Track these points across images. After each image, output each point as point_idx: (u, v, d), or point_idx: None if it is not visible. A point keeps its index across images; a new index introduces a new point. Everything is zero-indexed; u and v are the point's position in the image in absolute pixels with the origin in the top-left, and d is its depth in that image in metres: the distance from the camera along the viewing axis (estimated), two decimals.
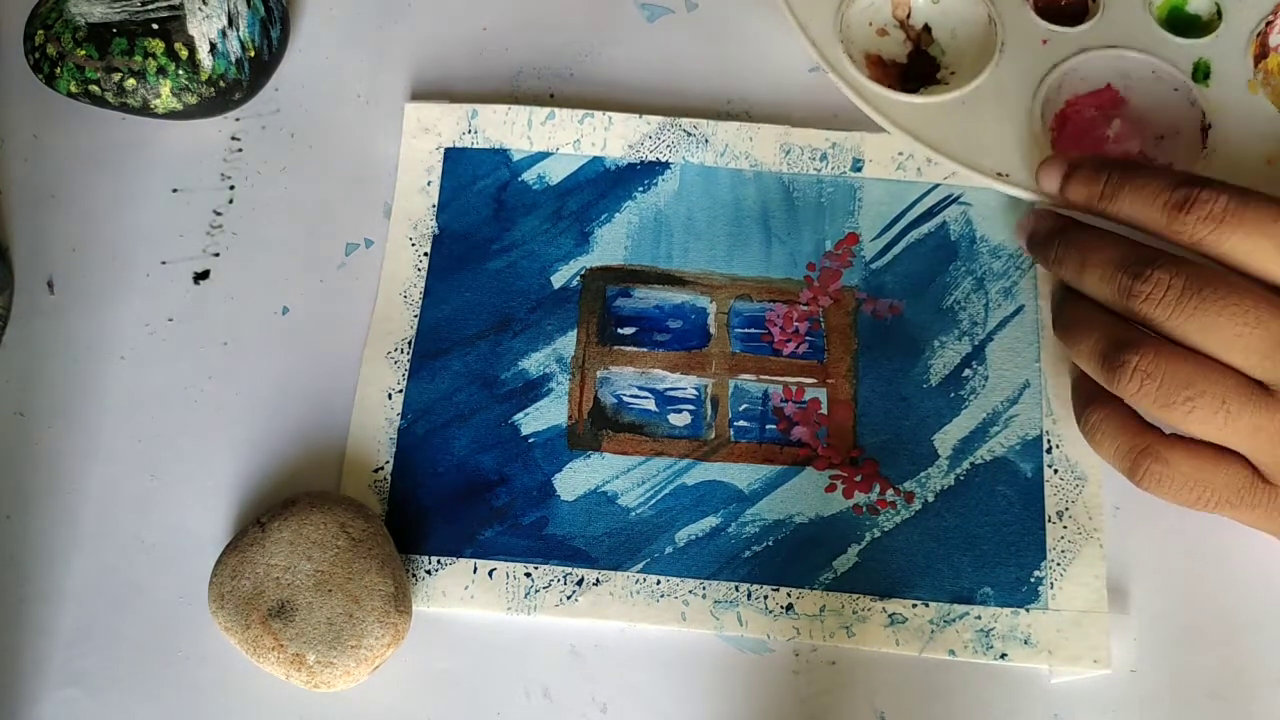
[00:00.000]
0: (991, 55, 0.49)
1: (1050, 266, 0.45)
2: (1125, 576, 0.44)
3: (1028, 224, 0.47)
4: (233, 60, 0.49)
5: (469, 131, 0.51)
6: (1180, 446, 0.41)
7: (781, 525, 0.45)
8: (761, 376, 0.47)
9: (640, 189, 0.50)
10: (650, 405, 0.47)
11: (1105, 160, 0.45)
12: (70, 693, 0.43)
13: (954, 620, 0.44)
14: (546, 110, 0.51)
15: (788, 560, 0.45)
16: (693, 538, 0.45)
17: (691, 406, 0.47)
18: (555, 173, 0.51)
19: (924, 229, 0.49)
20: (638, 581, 0.44)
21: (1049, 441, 0.46)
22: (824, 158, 0.50)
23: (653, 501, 0.45)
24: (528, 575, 0.45)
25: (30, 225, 0.50)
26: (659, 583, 0.44)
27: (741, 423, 0.47)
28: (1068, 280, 0.45)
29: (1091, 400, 0.43)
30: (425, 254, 0.49)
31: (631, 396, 0.47)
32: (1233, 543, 0.44)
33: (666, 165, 0.51)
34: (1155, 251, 0.41)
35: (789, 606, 0.44)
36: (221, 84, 0.49)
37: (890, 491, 0.45)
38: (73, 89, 0.49)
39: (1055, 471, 0.46)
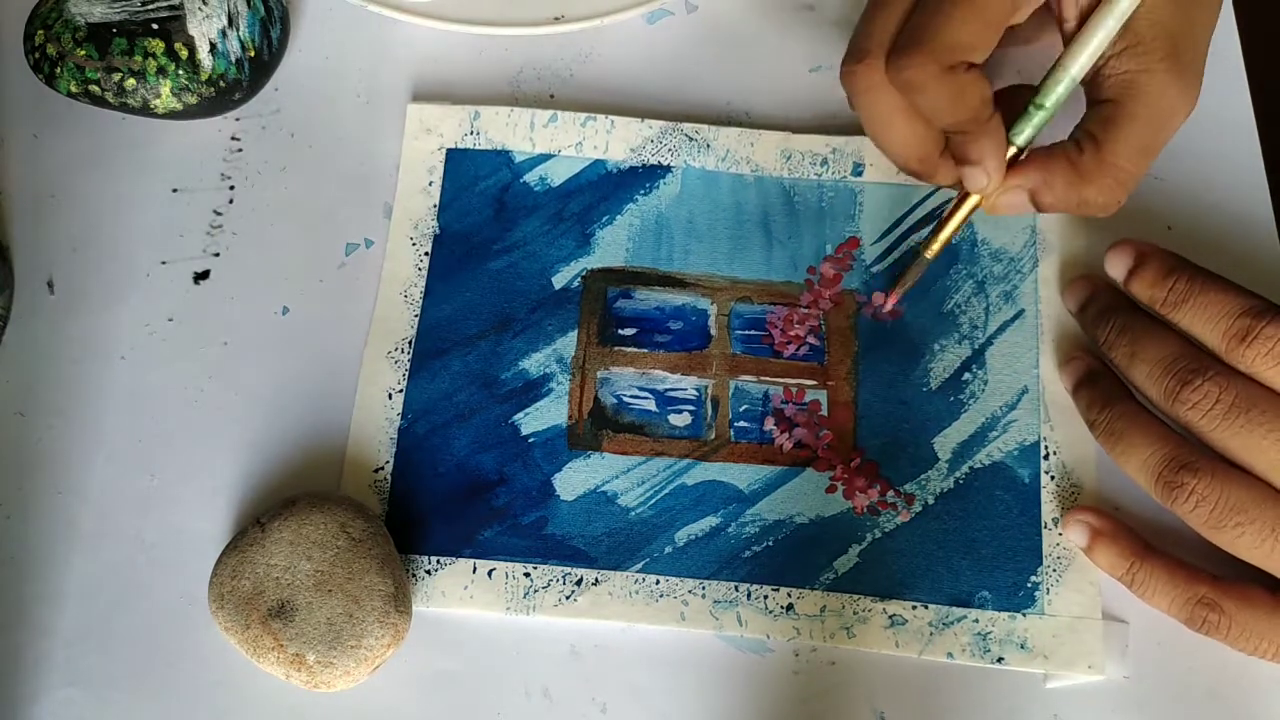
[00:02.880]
0: None
1: (1098, 344, 0.45)
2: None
3: (1081, 290, 0.47)
4: (233, 60, 0.49)
5: (471, 133, 0.51)
6: (1234, 594, 0.42)
7: (781, 525, 0.45)
8: (762, 378, 0.47)
9: (642, 192, 0.50)
10: (650, 406, 0.47)
11: (1174, 262, 0.44)
12: (70, 693, 0.43)
13: (952, 623, 0.44)
14: (549, 112, 0.51)
15: (788, 560, 0.45)
16: (692, 538, 0.45)
17: (692, 407, 0.47)
18: (557, 174, 0.51)
19: (925, 232, 0.49)
20: (637, 581, 0.44)
21: (1046, 448, 0.46)
22: (824, 162, 0.50)
23: (652, 501, 0.46)
24: (527, 575, 0.45)
25: (30, 225, 0.50)
26: (658, 582, 0.44)
27: (742, 423, 0.47)
28: (1114, 364, 0.45)
29: (1135, 556, 0.43)
30: (426, 254, 0.49)
31: (632, 397, 0.47)
32: None
33: (668, 169, 0.51)
34: (1208, 359, 0.42)
35: (789, 606, 0.44)
36: (221, 84, 0.49)
37: (891, 493, 0.46)
38: (73, 89, 0.48)
39: (1052, 478, 0.46)
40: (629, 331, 0.48)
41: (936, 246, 0.46)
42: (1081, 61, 0.42)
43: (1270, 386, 0.41)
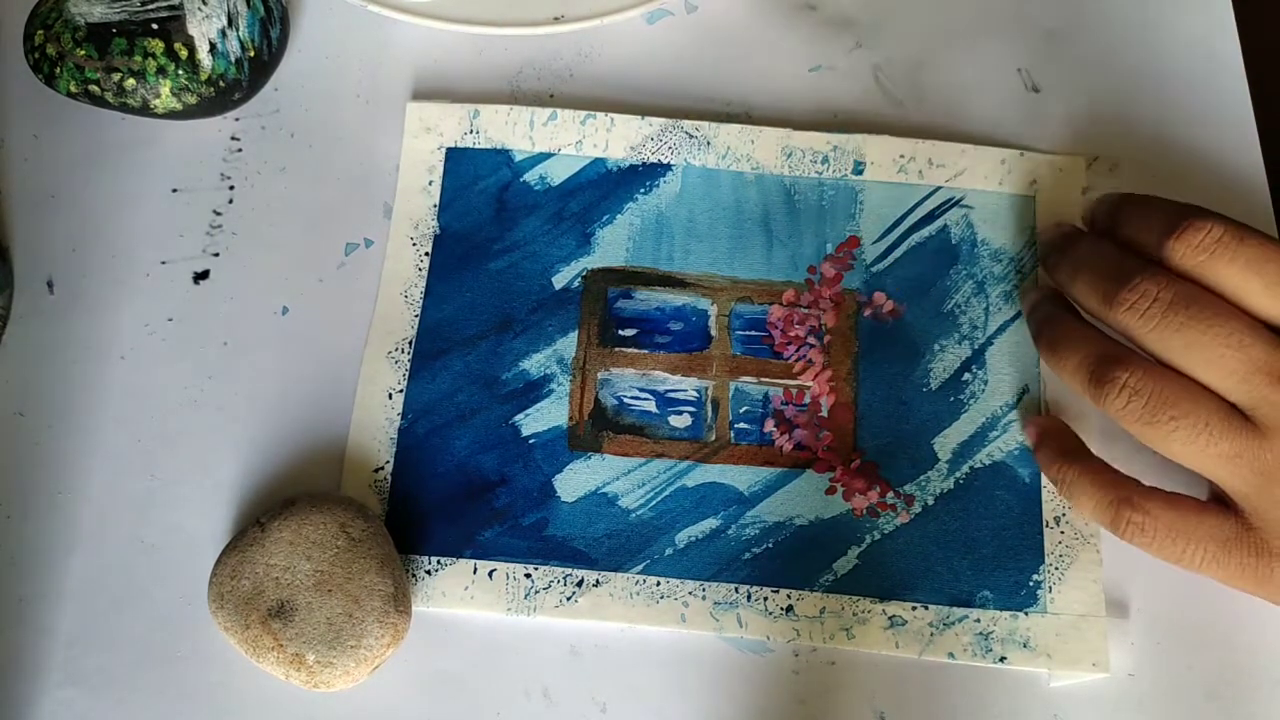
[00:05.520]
0: None
1: (1049, 272, 0.46)
2: (1124, 580, 0.45)
3: (1047, 234, 0.48)
4: (233, 60, 0.49)
5: (471, 131, 0.51)
6: (1159, 496, 0.42)
7: (781, 527, 0.45)
8: (762, 379, 0.47)
9: (642, 190, 0.50)
10: (651, 407, 0.47)
11: (1128, 195, 0.45)
12: (70, 693, 0.43)
13: (953, 623, 0.44)
14: (548, 111, 0.51)
15: (788, 562, 0.45)
16: (693, 539, 0.45)
17: (692, 408, 0.47)
18: (557, 173, 0.51)
19: (925, 232, 0.49)
20: (638, 583, 0.44)
21: None
22: (825, 160, 0.50)
23: (653, 503, 0.46)
24: (528, 576, 0.45)
25: (30, 225, 0.50)
26: (659, 584, 0.44)
27: (742, 425, 0.47)
28: (1060, 285, 0.45)
29: (1066, 458, 0.44)
30: (426, 254, 0.49)
31: (632, 398, 0.47)
32: None
33: (668, 167, 0.51)
34: (1145, 264, 0.42)
35: (789, 608, 0.44)
36: (221, 84, 0.49)
37: (890, 494, 0.46)
38: (73, 89, 0.48)
39: None
40: (629, 332, 0.48)
41: None
42: None
43: (1204, 282, 0.41)
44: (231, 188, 0.51)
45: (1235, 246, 0.40)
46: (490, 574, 0.45)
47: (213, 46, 0.49)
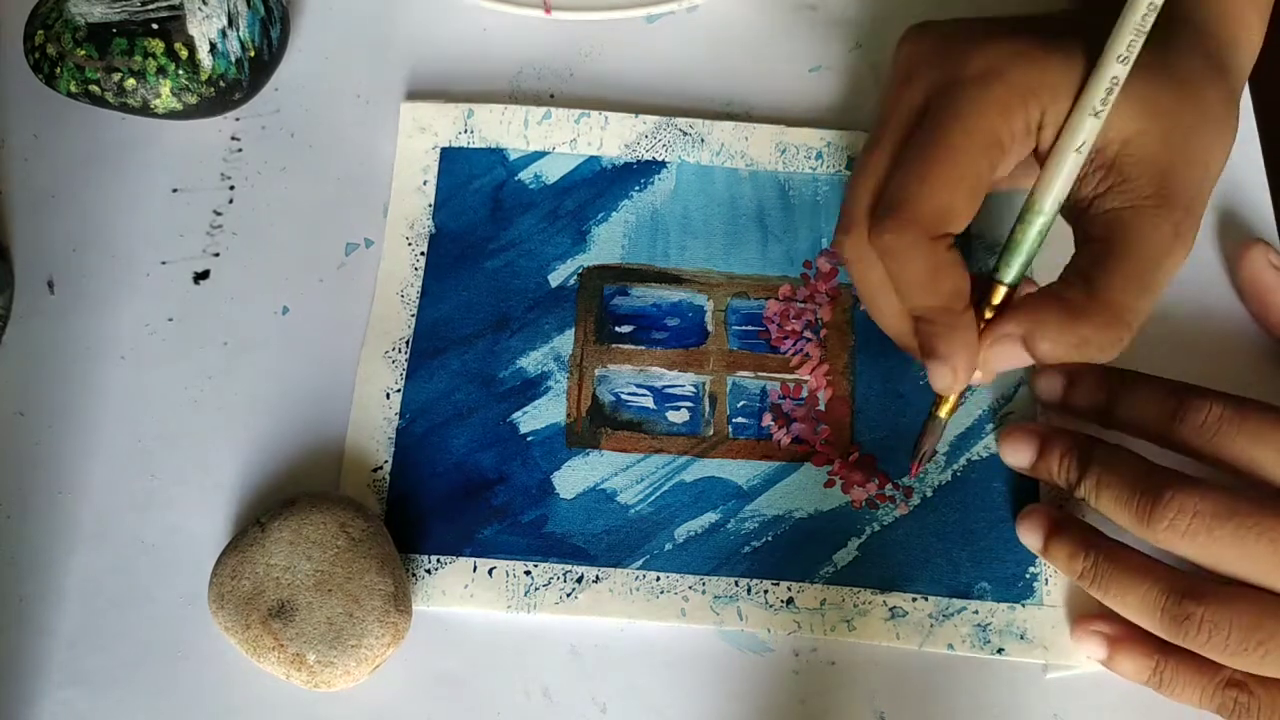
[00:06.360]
0: None
1: (1065, 486, 0.43)
2: None
3: (1027, 446, 0.44)
4: (233, 60, 0.49)
5: (465, 131, 0.51)
6: (1252, 676, 0.39)
7: (781, 520, 0.45)
8: (759, 373, 0.47)
9: (636, 188, 0.50)
10: (648, 403, 0.47)
11: (1106, 371, 0.43)
12: (70, 693, 0.43)
13: (952, 614, 0.44)
14: (543, 110, 0.51)
15: (788, 555, 0.45)
16: (692, 534, 0.45)
17: (690, 404, 0.47)
18: (552, 172, 0.51)
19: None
20: (637, 578, 0.44)
21: None
22: (819, 156, 0.50)
23: (652, 498, 0.45)
24: (527, 573, 0.45)
25: (30, 225, 0.50)
26: (659, 579, 0.44)
27: (740, 419, 0.47)
28: (1084, 499, 0.42)
29: (1161, 652, 0.41)
30: (422, 253, 0.49)
31: (630, 394, 0.47)
32: None
33: (663, 164, 0.51)
34: (1169, 473, 0.40)
35: (789, 601, 0.44)
36: (221, 84, 0.49)
37: (889, 486, 0.46)
38: (73, 89, 0.49)
39: None
40: (626, 329, 0.48)
41: (948, 409, 0.43)
42: (1049, 201, 0.40)
43: (1215, 457, 0.40)
44: (232, 188, 0.51)
45: (1239, 421, 0.39)
46: (490, 572, 0.45)
47: (213, 46, 0.49)
